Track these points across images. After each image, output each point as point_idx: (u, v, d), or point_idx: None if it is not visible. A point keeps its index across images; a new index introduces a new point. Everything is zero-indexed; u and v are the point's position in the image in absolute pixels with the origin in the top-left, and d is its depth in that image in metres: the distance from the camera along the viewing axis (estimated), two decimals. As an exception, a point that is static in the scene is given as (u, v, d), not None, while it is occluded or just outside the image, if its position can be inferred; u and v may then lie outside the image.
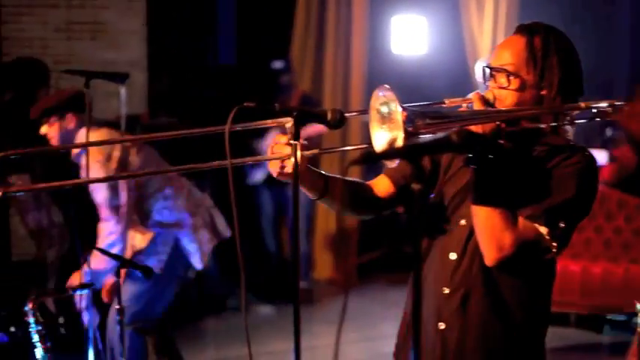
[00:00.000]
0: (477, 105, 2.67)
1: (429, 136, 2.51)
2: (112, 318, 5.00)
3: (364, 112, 2.62)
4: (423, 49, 8.91)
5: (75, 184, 4.54)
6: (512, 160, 2.66)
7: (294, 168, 2.55)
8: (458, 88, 7.79)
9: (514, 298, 2.75)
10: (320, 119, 2.61)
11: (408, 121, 2.48)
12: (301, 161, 2.60)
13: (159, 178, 5.08)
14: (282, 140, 2.65)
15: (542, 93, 2.71)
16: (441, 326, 2.80)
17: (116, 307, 4.25)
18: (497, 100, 2.72)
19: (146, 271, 4.23)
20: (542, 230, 2.62)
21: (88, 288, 4.45)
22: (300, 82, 8.81)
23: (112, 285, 4.80)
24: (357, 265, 8.67)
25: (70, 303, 5.49)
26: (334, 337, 2.41)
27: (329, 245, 9.05)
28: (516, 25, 2.83)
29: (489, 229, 2.62)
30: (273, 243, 8.25)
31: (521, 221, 2.63)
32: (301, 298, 2.66)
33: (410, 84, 8.45)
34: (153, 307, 5.13)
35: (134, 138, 5.21)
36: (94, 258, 4.78)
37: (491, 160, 2.58)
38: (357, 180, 3.01)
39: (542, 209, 2.63)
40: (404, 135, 2.45)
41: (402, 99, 2.49)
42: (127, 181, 4.91)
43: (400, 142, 2.47)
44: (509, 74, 2.70)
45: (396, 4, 8.99)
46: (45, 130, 5.05)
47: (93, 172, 4.78)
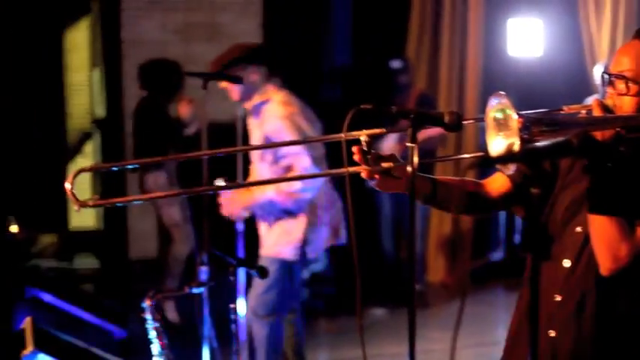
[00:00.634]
0: (596, 111, 2.62)
1: (548, 141, 2.48)
2: (250, 311, 5.14)
3: (480, 119, 2.60)
4: (538, 51, 8.79)
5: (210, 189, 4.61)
6: (631, 169, 2.61)
7: (411, 172, 2.54)
8: (574, 90, 7.68)
9: (629, 308, 2.69)
10: (437, 122, 2.60)
11: (523, 128, 2.46)
12: (399, 169, 2.61)
13: None
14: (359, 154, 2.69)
15: None
16: (552, 334, 2.76)
17: (231, 305, 4.29)
18: (616, 107, 2.67)
19: (261, 271, 4.26)
20: None
21: (204, 286, 4.51)
22: (415, 84, 8.78)
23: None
24: (471, 269, 8.59)
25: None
26: (448, 342, 2.40)
27: (443, 248, 9.00)
28: (636, 29, 2.76)
29: (605, 238, 2.57)
30: (390, 245, 8.22)
31: (639, 231, 2.58)
32: (415, 301, 2.66)
33: (525, 86, 8.35)
34: (288, 296, 5.21)
35: (255, 147, 5.28)
36: None
37: (610, 168, 2.53)
38: (468, 179, 2.98)
39: None
40: (520, 142, 2.42)
41: (518, 101, 2.47)
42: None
43: (516, 149, 2.44)
44: (627, 80, 2.64)
45: (512, 6, 8.88)
46: (224, 85, 5.06)
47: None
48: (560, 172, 2.84)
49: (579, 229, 2.72)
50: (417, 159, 2.53)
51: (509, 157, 2.44)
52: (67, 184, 2.60)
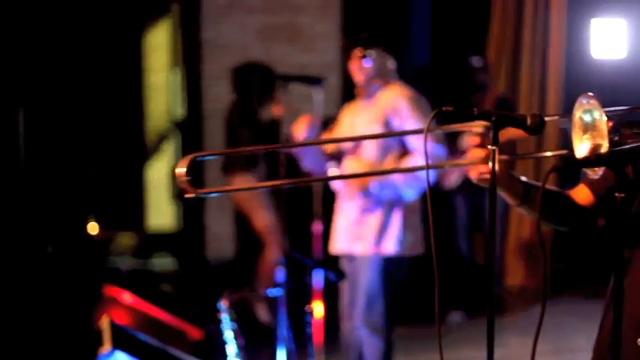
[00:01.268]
0: None
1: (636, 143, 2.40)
2: (366, 326, 4.97)
3: (563, 115, 2.54)
4: (622, 52, 8.63)
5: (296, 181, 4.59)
6: None
7: (491, 173, 2.50)
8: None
9: None
10: (519, 124, 2.54)
11: (613, 131, 2.38)
12: (501, 166, 2.54)
13: None
14: (477, 141, 2.60)
15: None
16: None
17: (307, 307, 4.28)
18: None
19: (339, 274, 4.25)
20: None
21: (281, 288, 4.51)
22: (496, 85, 8.70)
23: None
24: (551, 274, 8.46)
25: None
26: (525, 348, 2.36)
27: (522, 252, 8.89)
28: None
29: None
30: (466, 247, 8.15)
31: None
32: (493, 306, 2.61)
33: (609, 89, 8.21)
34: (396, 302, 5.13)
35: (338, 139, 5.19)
36: None
37: None
38: (557, 189, 2.92)
39: None
40: (608, 145, 2.35)
41: (601, 104, 2.39)
42: None
43: (604, 152, 2.37)
44: None
45: (595, 6, 8.74)
46: (356, 59, 4.93)
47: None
48: None
49: None
50: (499, 159, 2.48)
51: (594, 160, 2.37)
52: (180, 169, 2.44)
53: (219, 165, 7.89)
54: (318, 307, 4.97)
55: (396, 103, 4.84)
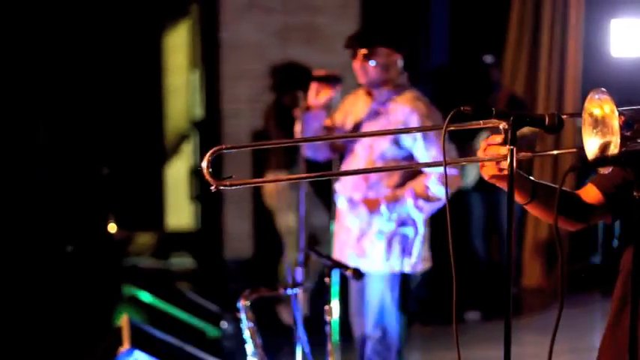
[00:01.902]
0: None
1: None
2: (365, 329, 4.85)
3: (577, 115, 2.53)
4: (640, 52, 8.61)
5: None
6: None
7: (508, 172, 2.50)
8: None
9: None
10: (538, 123, 2.54)
11: (625, 126, 2.37)
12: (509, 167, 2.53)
13: None
14: (497, 140, 2.60)
15: None
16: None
17: (326, 307, 4.28)
18: None
19: (356, 274, 4.25)
20: None
21: (298, 287, 4.51)
22: (514, 85, 8.69)
23: None
24: (568, 274, 8.46)
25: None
26: (542, 347, 2.36)
27: (539, 252, 8.88)
28: None
29: None
30: (482, 247, 8.14)
31: None
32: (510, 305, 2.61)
33: (628, 88, 8.18)
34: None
35: (354, 134, 5.10)
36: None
37: None
38: (566, 189, 2.91)
39: None
40: (620, 141, 2.34)
41: (620, 104, 2.39)
42: None
43: (614, 148, 2.36)
44: None
45: (615, 6, 8.72)
46: (358, 60, 4.73)
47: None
48: None
49: None
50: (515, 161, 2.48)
51: (609, 159, 2.37)
52: (204, 162, 2.46)
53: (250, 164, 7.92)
54: (335, 307, 4.97)
55: (409, 119, 4.63)
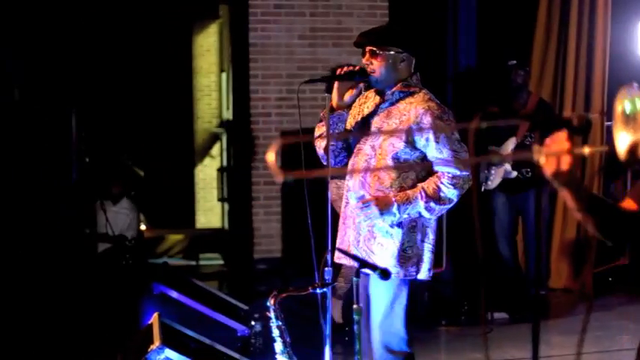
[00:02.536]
0: None
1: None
2: (380, 345, 4.72)
3: (607, 113, 2.54)
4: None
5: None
6: None
7: (537, 175, 2.50)
8: None
9: None
10: (566, 125, 2.56)
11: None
12: (570, 167, 2.51)
13: None
14: (562, 137, 2.50)
15: None
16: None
17: (354, 306, 4.31)
18: None
19: (384, 273, 4.26)
20: None
21: (328, 287, 4.54)
22: (541, 88, 8.69)
23: None
24: (595, 276, 8.45)
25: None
26: (568, 348, 2.38)
27: (566, 253, 8.86)
28: None
29: None
30: (506, 248, 8.13)
31: None
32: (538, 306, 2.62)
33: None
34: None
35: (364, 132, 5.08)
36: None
37: None
38: (611, 202, 2.88)
39: None
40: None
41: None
42: None
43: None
44: None
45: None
46: (367, 60, 4.66)
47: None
48: None
49: None
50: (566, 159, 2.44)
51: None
52: (270, 155, 2.41)
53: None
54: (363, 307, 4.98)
55: (422, 120, 4.52)
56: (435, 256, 4.77)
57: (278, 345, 4.35)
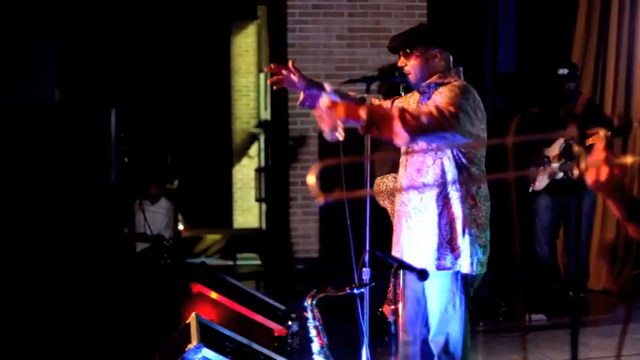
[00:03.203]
0: None
1: None
2: (438, 348, 4.69)
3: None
4: None
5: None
6: None
7: (579, 175, 2.49)
8: None
9: None
10: (606, 125, 2.54)
11: None
12: (616, 176, 2.51)
13: None
14: (599, 146, 2.53)
15: None
16: None
17: (392, 307, 4.31)
18: None
19: (421, 274, 4.25)
20: None
21: (365, 287, 4.54)
22: (581, 87, 8.64)
23: None
24: (635, 278, 8.39)
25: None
26: (606, 350, 2.37)
27: (605, 255, 8.81)
28: None
29: None
30: (546, 251, 8.09)
31: None
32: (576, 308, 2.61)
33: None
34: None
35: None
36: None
37: None
38: None
39: None
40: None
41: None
42: None
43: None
44: None
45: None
46: (402, 63, 4.69)
47: None
48: None
49: None
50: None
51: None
52: (311, 177, 2.42)
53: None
54: (401, 307, 4.97)
55: (439, 99, 4.44)
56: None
57: (315, 345, 4.36)
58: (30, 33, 8.23)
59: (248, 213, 13.29)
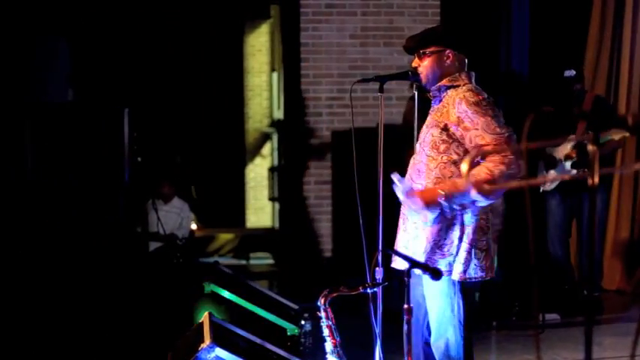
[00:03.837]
0: None
1: None
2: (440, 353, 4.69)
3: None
4: None
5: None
6: None
7: (587, 173, 2.49)
8: None
9: None
10: (620, 124, 2.54)
11: None
12: None
13: None
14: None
15: None
16: None
17: (405, 306, 4.29)
18: None
19: (435, 273, 4.24)
20: None
21: (378, 286, 4.53)
22: (593, 89, 8.60)
23: None
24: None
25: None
26: (620, 350, 2.36)
27: (619, 254, 8.78)
28: None
29: None
30: (559, 250, 8.06)
31: None
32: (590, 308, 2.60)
33: None
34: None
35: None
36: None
37: None
38: None
39: None
40: None
41: None
42: None
43: None
44: None
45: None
46: (416, 63, 4.71)
47: None
48: None
49: None
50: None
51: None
52: (464, 165, 2.40)
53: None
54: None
55: (457, 109, 4.46)
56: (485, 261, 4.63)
57: (328, 344, 4.36)
58: (43, 33, 8.26)
59: (261, 212, 13.29)
